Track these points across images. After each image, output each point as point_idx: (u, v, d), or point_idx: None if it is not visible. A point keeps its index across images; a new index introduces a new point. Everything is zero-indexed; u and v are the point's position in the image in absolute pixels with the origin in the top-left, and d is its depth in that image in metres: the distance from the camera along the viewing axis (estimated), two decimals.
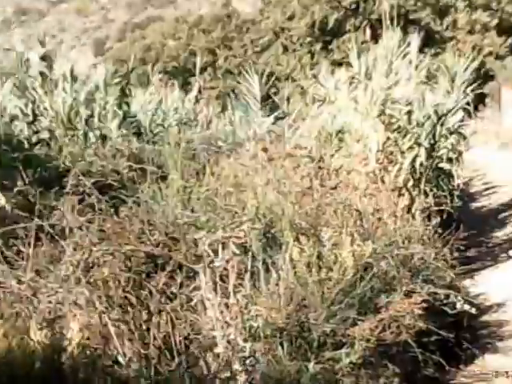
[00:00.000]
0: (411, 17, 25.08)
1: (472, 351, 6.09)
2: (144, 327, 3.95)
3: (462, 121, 8.76)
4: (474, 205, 12.79)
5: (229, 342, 3.88)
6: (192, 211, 4.80)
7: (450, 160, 8.66)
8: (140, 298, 3.99)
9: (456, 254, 7.06)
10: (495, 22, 28.53)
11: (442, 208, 8.50)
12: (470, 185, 14.43)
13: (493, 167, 15.97)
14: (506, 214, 11.74)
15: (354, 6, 28.45)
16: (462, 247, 7.27)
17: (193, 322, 4.01)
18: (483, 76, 28.02)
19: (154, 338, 3.91)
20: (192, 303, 4.02)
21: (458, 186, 9.10)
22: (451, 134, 8.61)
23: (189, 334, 3.99)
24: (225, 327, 3.90)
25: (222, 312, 3.93)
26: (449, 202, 8.70)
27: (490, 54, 28.09)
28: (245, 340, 3.93)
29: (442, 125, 8.56)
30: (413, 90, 8.46)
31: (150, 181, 5.40)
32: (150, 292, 4.02)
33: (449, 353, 5.60)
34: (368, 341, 4.33)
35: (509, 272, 8.86)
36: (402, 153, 8.25)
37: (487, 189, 13.73)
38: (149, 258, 4.17)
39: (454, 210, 8.81)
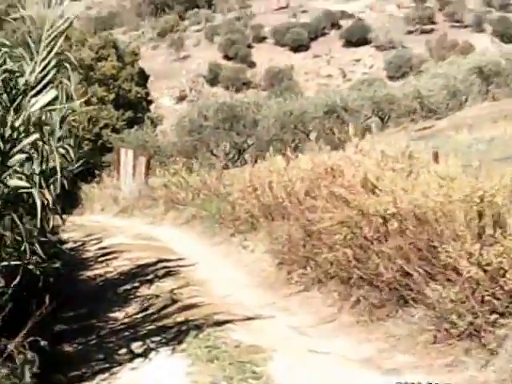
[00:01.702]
0: None
1: None
2: None
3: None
4: (89, 273, 8.49)
5: None
6: None
7: (27, 177, 4.24)
8: None
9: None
10: (112, 96, 25.70)
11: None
12: (84, 250, 10.16)
13: (112, 232, 11.92)
14: (129, 286, 7.66)
15: None
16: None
17: None
18: (101, 148, 24.77)
19: None
20: None
21: (53, 227, 4.87)
22: (35, 126, 4.20)
23: None
24: None
25: None
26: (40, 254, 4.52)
27: (107, 126, 24.94)
28: None
29: (17, 109, 4.14)
30: None
31: None
32: None
33: None
34: None
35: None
36: None
37: (106, 254, 9.51)
38: None
39: (51, 274, 4.62)
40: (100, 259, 9.07)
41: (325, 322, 6.19)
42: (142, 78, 29.08)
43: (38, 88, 4.21)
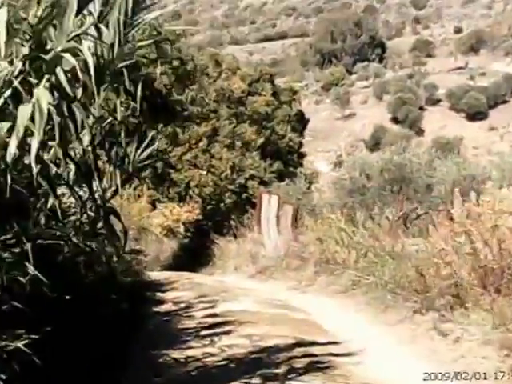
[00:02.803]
0: None
1: None
2: None
3: None
4: (178, 353, 5.20)
5: None
6: None
7: None
8: None
9: None
10: (260, 141, 21.95)
11: None
12: (185, 316, 6.89)
13: (235, 294, 8.65)
14: (238, 382, 4.25)
15: None
16: None
17: None
18: (245, 202, 21.53)
19: None
20: None
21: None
22: None
23: None
24: None
25: None
26: None
27: (253, 177, 21.36)
28: None
29: None
30: None
31: None
32: None
33: None
34: None
35: None
36: None
37: (214, 326, 6.16)
38: None
39: None
40: (203, 333, 5.71)
41: None
42: (301, 122, 25.28)
43: None
